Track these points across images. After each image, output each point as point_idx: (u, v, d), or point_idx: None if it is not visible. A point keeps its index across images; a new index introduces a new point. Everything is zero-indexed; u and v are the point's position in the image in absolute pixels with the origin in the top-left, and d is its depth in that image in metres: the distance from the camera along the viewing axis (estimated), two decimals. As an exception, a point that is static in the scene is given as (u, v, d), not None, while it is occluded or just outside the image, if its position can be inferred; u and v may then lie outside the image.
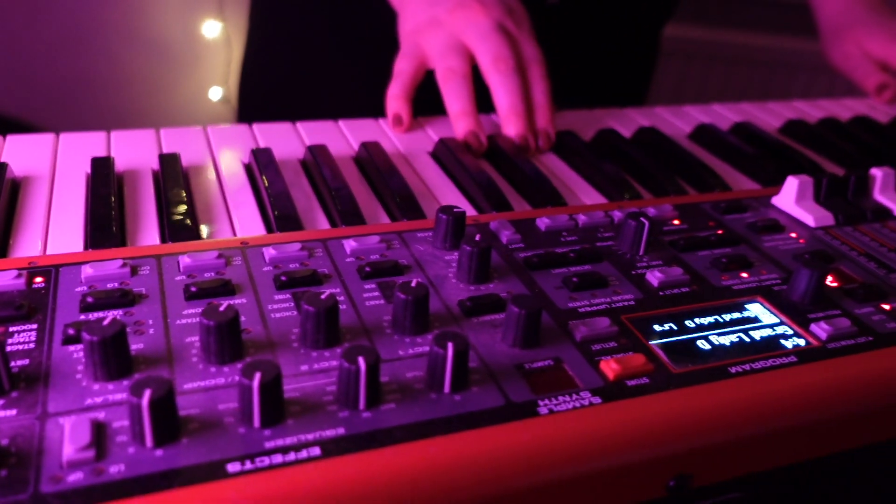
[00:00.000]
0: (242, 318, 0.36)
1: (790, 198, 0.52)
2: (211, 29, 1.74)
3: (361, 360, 0.31)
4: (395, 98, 0.64)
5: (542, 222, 0.47)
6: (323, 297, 0.34)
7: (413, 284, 0.36)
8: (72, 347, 0.33)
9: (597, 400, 0.33)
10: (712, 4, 1.93)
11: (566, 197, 0.55)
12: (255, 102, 1.02)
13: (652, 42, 1.06)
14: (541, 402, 0.33)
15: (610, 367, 0.35)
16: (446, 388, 0.33)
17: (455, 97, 0.61)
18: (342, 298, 0.38)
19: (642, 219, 0.45)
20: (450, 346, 0.32)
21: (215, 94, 1.81)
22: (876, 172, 0.54)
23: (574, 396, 0.33)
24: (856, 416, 0.37)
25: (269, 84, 1.00)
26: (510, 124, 0.60)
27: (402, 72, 0.64)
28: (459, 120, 0.60)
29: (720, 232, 0.48)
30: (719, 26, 1.95)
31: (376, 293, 0.39)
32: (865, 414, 0.37)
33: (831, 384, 0.36)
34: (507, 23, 0.63)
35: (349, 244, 0.43)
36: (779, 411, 0.35)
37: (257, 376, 0.29)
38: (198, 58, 1.78)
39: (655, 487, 0.34)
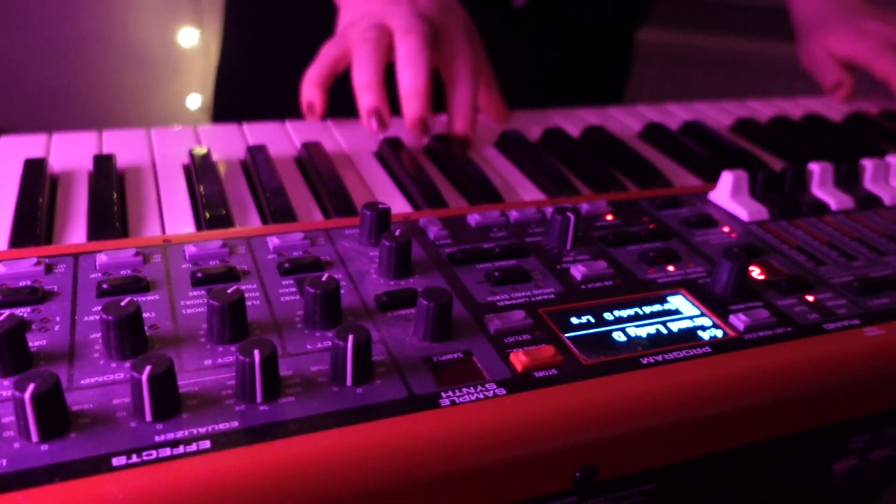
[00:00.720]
0: (152, 315, 0.36)
1: (725, 193, 0.52)
2: (188, 37, 1.74)
3: (257, 353, 0.30)
4: (310, 83, 0.62)
5: (473, 218, 0.47)
6: (229, 291, 0.34)
7: (324, 279, 0.36)
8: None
9: (501, 391, 0.33)
10: (692, 9, 1.94)
11: (506, 194, 0.55)
12: (230, 109, 1.02)
13: (625, 45, 1.07)
14: (444, 394, 0.33)
15: (518, 359, 0.35)
16: (348, 381, 0.32)
17: (360, 67, 0.58)
18: (257, 294, 0.38)
19: (569, 213, 0.45)
20: (350, 338, 0.32)
21: (194, 102, 1.82)
22: (813, 167, 0.55)
23: (479, 388, 0.33)
24: (771, 407, 0.37)
25: (244, 91, 1.00)
26: (408, 105, 0.58)
27: (324, 56, 0.62)
28: (362, 93, 0.58)
29: (652, 227, 0.48)
30: (699, 31, 1.96)
31: (293, 289, 0.39)
32: (781, 404, 0.37)
33: (744, 374, 0.36)
34: (438, 20, 0.61)
35: (272, 241, 0.43)
36: (688, 401, 0.35)
37: (147, 369, 0.29)
38: (176, 66, 1.78)
39: (561, 479, 0.33)
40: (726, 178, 0.52)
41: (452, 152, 0.58)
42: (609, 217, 0.50)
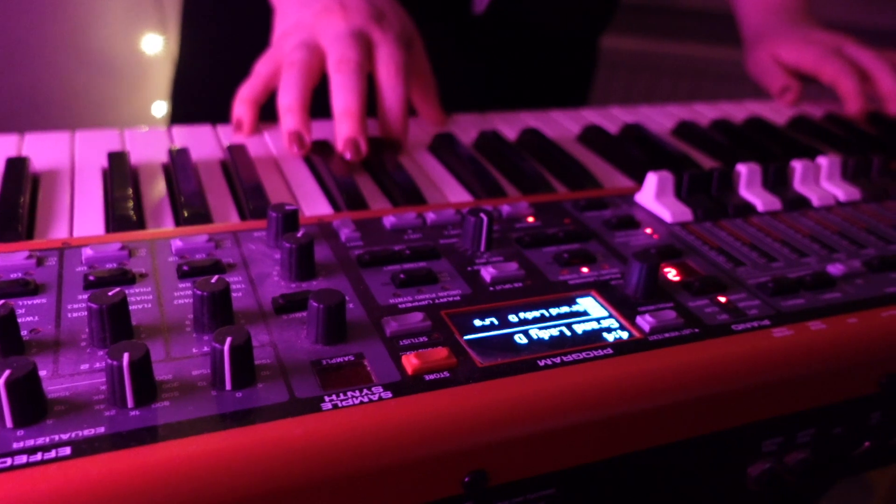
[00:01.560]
0: (35, 319, 0.35)
1: (650, 194, 0.51)
2: (153, 43, 1.73)
3: (126, 357, 0.29)
4: (241, 101, 0.62)
5: (388, 220, 0.46)
6: (110, 294, 0.33)
7: (213, 281, 0.35)
8: None
9: (387, 395, 0.32)
10: (658, 17, 1.95)
11: (432, 196, 0.54)
12: (187, 116, 1.01)
13: (588, 52, 1.06)
14: (327, 398, 0.32)
15: (409, 362, 0.34)
16: (227, 385, 0.32)
17: (285, 90, 0.58)
18: (149, 297, 0.37)
19: (482, 215, 0.44)
20: (228, 340, 0.31)
21: (160, 109, 1.80)
22: (741, 168, 0.54)
23: (364, 391, 0.32)
24: (676, 408, 0.36)
25: (201, 97, 0.98)
26: (340, 126, 0.57)
27: (257, 74, 0.62)
28: (285, 116, 0.58)
29: (570, 228, 0.47)
30: (667, 38, 1.97)
31: (189, 292, 0.38)
32: (687, 406, 0.37)
33: (645, 375, 0.36)
34: (369, 28, 0.61)
35: (175, 244, 0.42)
36: (585, 404, 0.34)
37: (5, 374, 0.28)
38: (140, 73, 1.77)
39: (450, 484, 0.33)
40: (651, 180, 0.51)
41: (382, 155, 0.57)
42: (530, 219, 0.49)
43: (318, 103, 0.59)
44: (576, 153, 0.64)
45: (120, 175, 0.51)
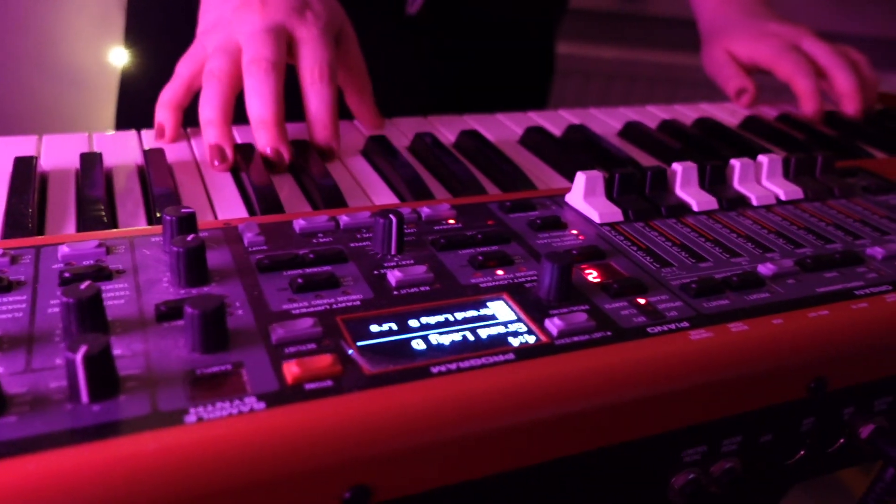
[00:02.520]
0: None
1: (579, 194, 0.49)
2: (121, 56, 1.70)
3: (-37, 368, 0.27)
4: (162, 106, 0.59)
5: (298, 224, 0.44)
6: (-35, 301, 0.31)
7: (82, 287, 0.33)
8: None
9: (260, 406, 0.30)
10: (615, 23, 1.94)
11: (357, 200, 0.52)
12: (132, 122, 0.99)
13: (542, 57, 1.05)
14: (192, 410, 0.29)
15: (290, 371, 0.32)
16: (83, 398, 0.29)
17: (206, 102, 0.56)
18: (22, 307, 0.35)
19: (391, 216, 0.42)
20: (82, 350, 0.29)
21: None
22: (676, 167, 0.52)
23: (235, 402, 0.30)
24: (584, 416, 0.34)
25: (145, 107, 0.97)
26: (258, 137, 0.55)
27: (178, 76, 0.60)
28: (206, 129, 0.56)
29: (491, 230, 0.45)
30: (619, 44, 1.96)
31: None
32: (595, 413, 0.34)
33: (545, 381, 0.33)
34: (290, 23, 0.58)
35: (62, 250, 0.39)
36: (478, 412, 0.32)
37: None
38: (108, 85, 1.74)
39: (329, 501, 0.30)
40: (579, 180, 0.49)
41: (308, 158, 0.55)
42: (451, 221, 0.47)
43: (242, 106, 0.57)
44: (514, 155, 0.62)
45: (25, 181, 0.48)
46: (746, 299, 0.41)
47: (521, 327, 0.37)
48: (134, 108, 0.97)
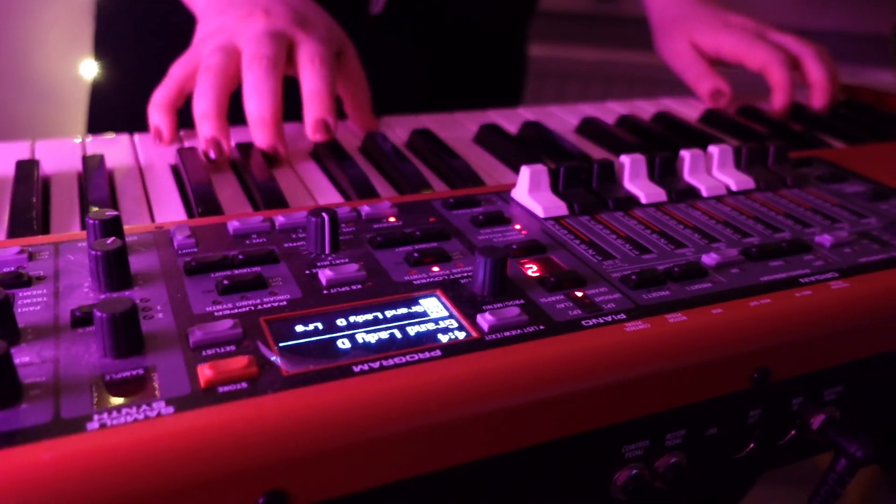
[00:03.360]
0: None
1: (524, 189, 0.49)
2: (91, 69, 1.69)
3: None
4: (156, 107, 0.59)
5: (232, 225, 0.43)
6: None
7: (-10, 292, 0.32)
8: None
9: (169, 410, 0.29)
10: (591, 24, 1.95)
11: (302, 200, 0.51)
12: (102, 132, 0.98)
13: (514, 58, 1.04)
14: (96, 416, 0.28)
15: (203, 373, 0.31)
16: (-19, 406, 0.28)
17: (201, 96, 0.55)
18: (-69, 315, 0.34)
19: (323, 214, 0.41)
20: (-23, 356, 0.28)
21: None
22: (624, 159, 0.52)
23: (142, 408, 0.29)
24: (512, 413, 0.33)
25: (115, 115, 0.96)
26: (256, 135, 0.55)
27: (172, 77, 0.59)
28: (201, 123, 0.55)
29: (431, 227, 0.44)
30: (596, 45, 1.96)
31: (-21, 307, 0.35)
32: (526, 409, 0.33)
33: (472, 377, 0.32)
34: (291, 30, 0.58)
35: (-20, 257, 0.38)
36: (398, 411, 0.31)
37: None
38: (79, 98, 1.73)
39: (242, 508, 0.29)
40: (524, 174, 0.49)
41: (249, 160, 0.54)
42: (392, 219, 0.46)
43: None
44: (466, 153, 0.61)
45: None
46: (687, 290, 0.40)
47: (453, 324, 0.36)
48: (104, 118, 0.96)
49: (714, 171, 0.54)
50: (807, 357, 0.40)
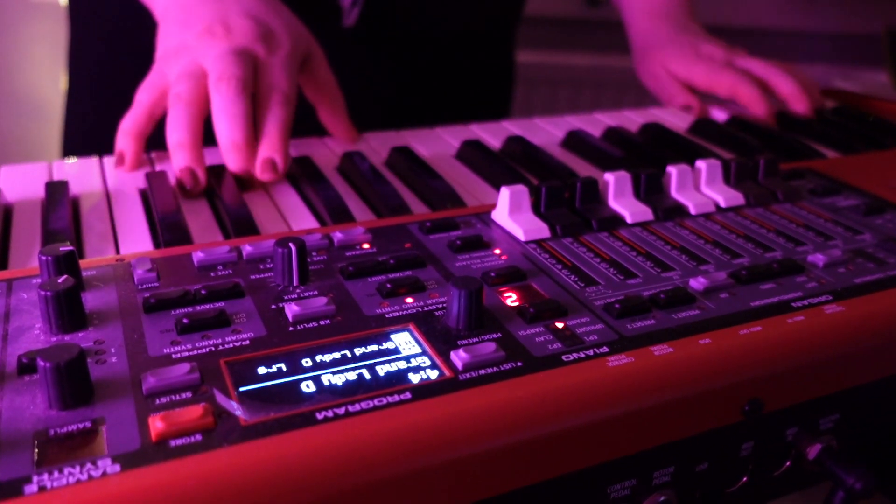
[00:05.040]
0: None
1: (504, 210, 0.47)
2: (64, 83, 1.67)
3: None
4: (124, 134, 0.57)
5: (197, 257, 0.41)
6: None
7: (-74, 341, 0.30)
8: None
9: (115, 468, 0.27)
10: (580, 29, 1.93)
11: (275, 226, 0.49)
12: (78, 147, 0.96)
13: (500, 66, 1.02)
14: (36, 478, 0.26)
15: (154, 426, 0.28)
16: None
17: (174, 126, 0.54)
18: None
19: (290, 244, 0.39)
20: None
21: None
22: (609, 177, 0.50)
23: (87, 466, 0.27)
24: (489, 458, 0.31)
25: (90, 139, 0.94)
26: (228, 160, 0.53)
27: (139, 103, 0.58)
28: (175, 153, 0.54)
29: (405, 254, 0.42)
30: (586, 50, 1.95)
31: (-79, 354, 0.33)
32: (503, 453, 0.31)
33: (442, 422, 0.30)
34: (255, 48, 0.57)
35: (-73, 297, 0.36)
36: (363, 463, 0.29)
37: None
38: (54, 112, 1.71)
39: (193, 572, 0.27)
40: (504, 195, 0.47)
41: (220, 185, 0.52)
42: (365, 245, 0.44)
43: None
44: (448, 171, 0.59)
45: None
46: (674, 318, 0.38)
47: (425, 361, 0.34)
48: (79, 134, 0.94)
49: (702, 187, 0.52)
50: (801, 386, 0.38)
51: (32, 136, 1.74)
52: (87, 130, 0.94)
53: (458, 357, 0.33)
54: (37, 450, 0.28)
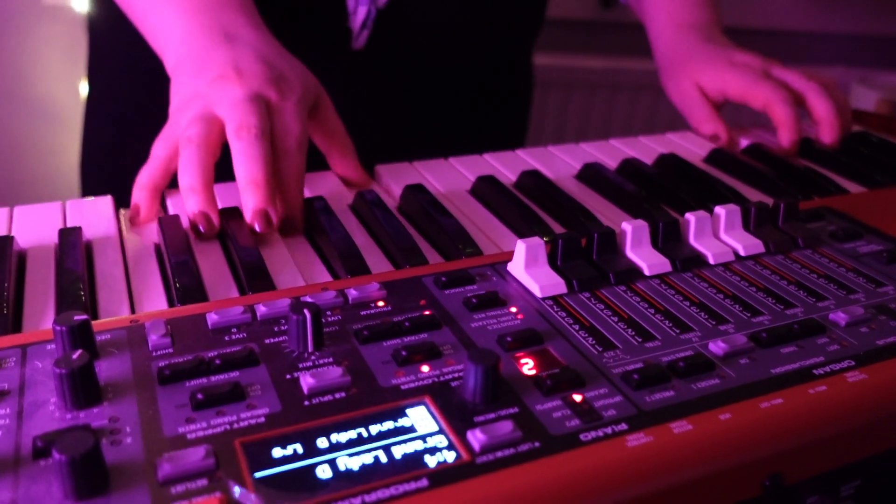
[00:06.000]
0: None
1: (520, 264, 0.46)
2: (84, 89, 1.67)
3: None
4: (139, 188, 0.57)
5: (211, 319, 0.41)
6: None
7: (-58, 430, 0.29)
8: None
9: (130, 571, 0.27)
10: (595, 32, 1.92)
11: (289, 276, 0.49)
12: (95, 172, 0.96)
13: (516, 75, 1.01)
14: (52, 582, 0.26)
15: (169, 521, 0.28)
16: (-74, 575, 0.26)
17: (185, 169, 0.54)
18: None
19: (305, 311, 0.38)
20: (-80, 522, 0.25)
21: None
22: (626, 227, 0.49)
23: (101, 568, 0.27)
24: (506, 547, 0.31)
25: (109, 152, 0.94)
26: (246, 197, 0.53)
27: (155, 157, 0.57)
28: (188, 197, 0.53)
29: (425, 313, 0.42)
30: (600, 53, 1.93)
31: (-63, 435, 0.32)
32: (520, 542, 0.31)
33: (460, 514, 0.30)
34: (267, 93, 0.56)
35: (-58, 368, 0.36)
36: (381, 559, 0.29)
37: None
38: (80, 119, 1.71)
39: None
40: (520, 249, 0.46)
41: (236, 232, 0.52)
42: (380, 303, 0.44)
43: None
44: (463, 209, 0.59)
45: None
46: (693, 388, 0.37)
47: (442, 441, 0.33)
48: (99, 140, 0.94)
49: (721, 234, 0.51)
50: (822, 457, 0.38)
51: (47, 139, 1.74)
52: (106, 142, 0.94)
53: (476, 438, 0.33)
54: (52, 548, 0.27)
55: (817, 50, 2.01)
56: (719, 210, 0.52)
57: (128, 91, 0.89)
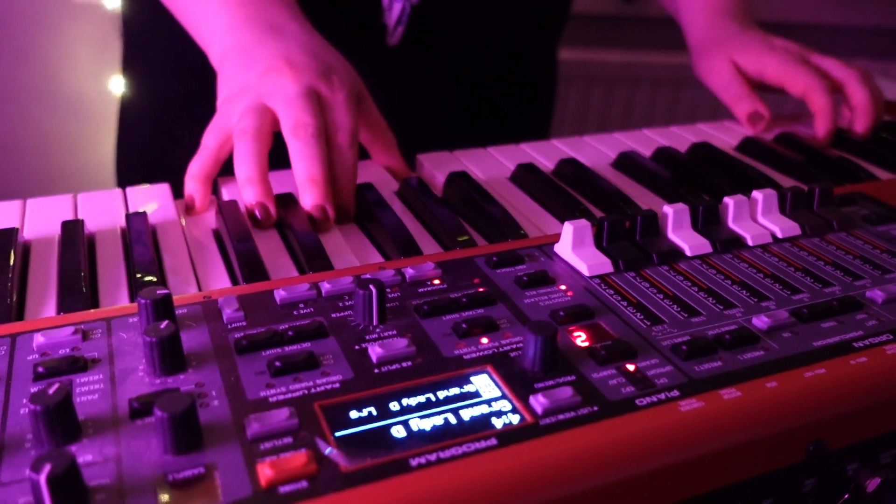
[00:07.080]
0: None
1: (567, 245, 0.48)
2: (120, 85, 1.71)
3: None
4: (192, 178, 0.59)
5: (279, 294, 0.43)
6: (-70, 416, 0.30)
7: (51, 391, 0.32)
8: None
9: (232, 515, 0.29)
10: (615, 26, 1.93)
11: (345, 258, 0.51)
12: (131, 166, 0.99)
13: (542, 68, 1.03)
14: (162, 525, 0.29)
15: (263, 473, 0.31)
16: (48, 518, 0.29)
17: (242, 161, 0.56)
18: (-6, 408, 0.34)
19: (371, 286, 0.41)
20: (45, 469, 0.28)
21: (131, 150, 1.78)
22: (668, 210, 0.51)
23: (206, 513, 0.29)
24: (569, 501, 0.33)
25: (144, 147, 0.96)
26: (305, 194, 0.55)
27: (206, 147, 0.60)
28: (245, 188, 0.55)
29: (480, 290, 0.44)
30: (621, 47, 1.95)
31: (40, 397, 0.35)
32: (582, 497, 0.33)
33: (529, 468, 0.32)
34: (319, 87, 0.58)
35: (37, 339, 0.39)
36: (457, 509, 0.31)
37: None
38: (109, 114, 1.75)
39: None
40: (567, 231, 0.48)
41: (293, 218, 0.54)
42: (436, 281, 0.46)
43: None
44: (505, 196, 0.61)
45: (1, 258, 0.48)
46: (739, 359, 0.39)
47: (506, 405, 0.36)
48: (134, 136, 0.97)
49: (759, 217, 0.53)
50: (864, 425, 0.40)
51: (77, 135, 1.78)
52: (143, 137, 0.96)
53: (538, 402, 0.35)
54: (159, 495, 0.30)
55: (839, 43, 2.01)
56: (756, 194, 0.54)
57: (163, 88, 0.92)
